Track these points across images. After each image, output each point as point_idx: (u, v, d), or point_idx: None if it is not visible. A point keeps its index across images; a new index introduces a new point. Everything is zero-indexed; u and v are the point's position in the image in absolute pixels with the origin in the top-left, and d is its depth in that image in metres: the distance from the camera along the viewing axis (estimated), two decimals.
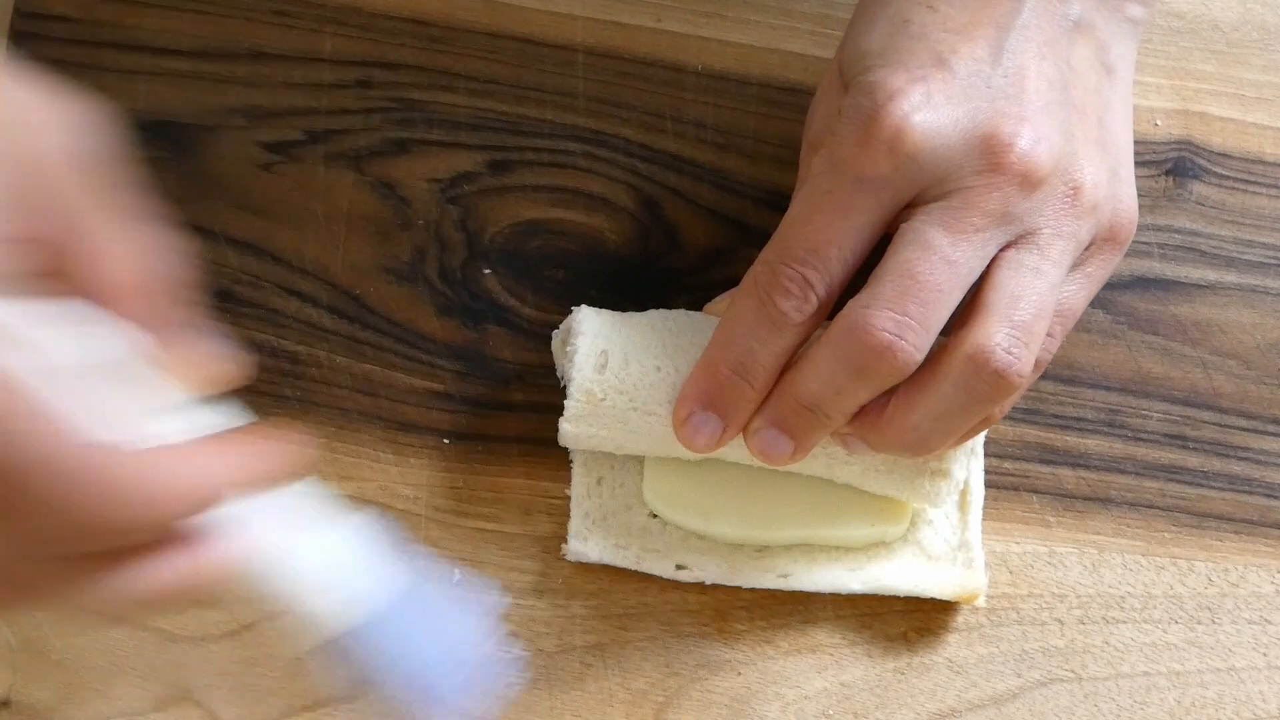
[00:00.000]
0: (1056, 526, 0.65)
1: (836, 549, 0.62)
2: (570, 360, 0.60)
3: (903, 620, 0.63)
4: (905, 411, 0.55)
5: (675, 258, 0.66)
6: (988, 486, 0.64)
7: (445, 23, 0.67)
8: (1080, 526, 0.65)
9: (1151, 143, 0.68)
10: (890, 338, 0.53)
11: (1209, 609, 0.64)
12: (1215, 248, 0.68)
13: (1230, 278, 0.67)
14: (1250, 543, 0.65)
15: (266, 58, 0.66)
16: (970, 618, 0.64)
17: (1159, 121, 0.68)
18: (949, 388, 0.55)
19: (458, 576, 0.62)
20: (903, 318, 0.53)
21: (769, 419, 0.57)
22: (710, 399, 0.57)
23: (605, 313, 0.61)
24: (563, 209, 0.66)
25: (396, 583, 0.49)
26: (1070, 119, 0.56)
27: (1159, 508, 0.65)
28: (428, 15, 0.67)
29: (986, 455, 0.65)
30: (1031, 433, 0.65)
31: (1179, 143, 0.68)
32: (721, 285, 0.62)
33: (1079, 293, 0.57)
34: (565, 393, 0.60)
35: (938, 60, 0.54)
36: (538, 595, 0.62)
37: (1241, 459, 0.66)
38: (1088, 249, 0.57)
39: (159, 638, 0.61)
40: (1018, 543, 0.64)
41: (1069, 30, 0.57)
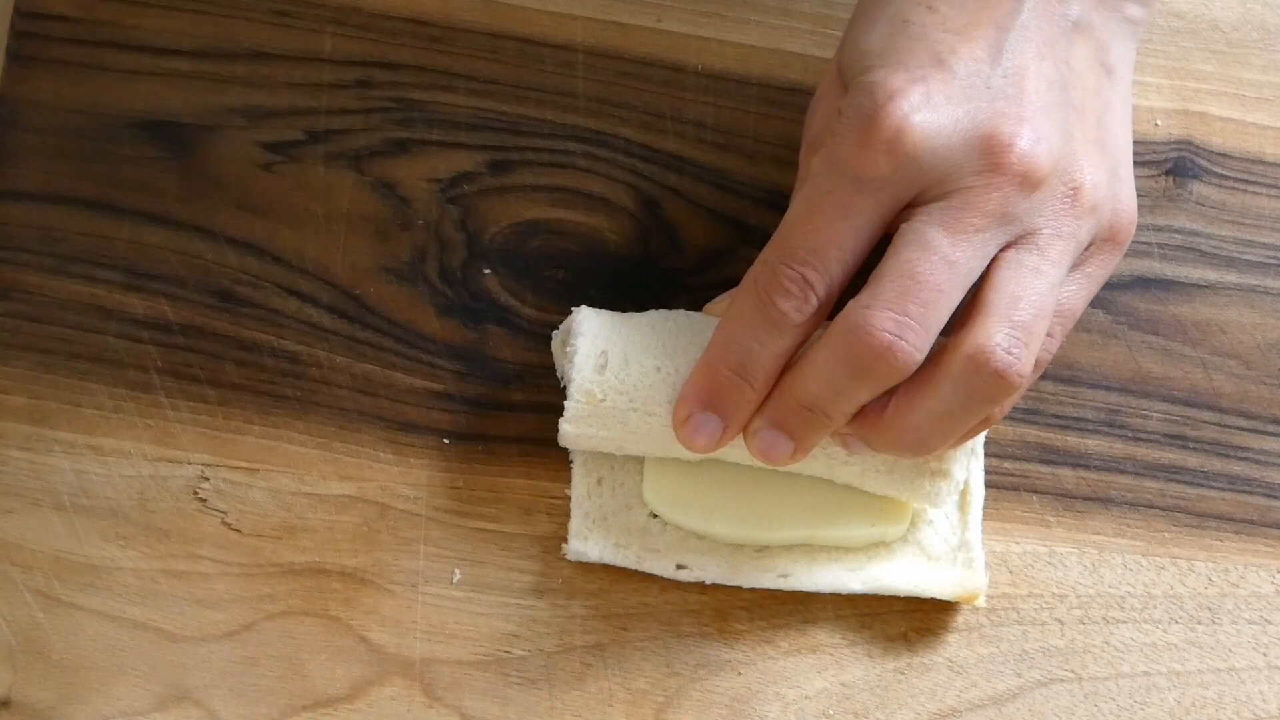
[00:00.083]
0: (1056, 526, 0.65)
1: (836, 549, 0.62)
2: (570, 361, 0.60)
3: (903, 620, 0.63)
4: (905, 412, 0.55)
5: (675, 258, 0.65)
6: (988, 486, 0.64)
7: (445, 23, 0.67)
8: (1080, 526, 0.65)
9: (1151, 143, 0.68)
10: (890, 338, 0.53)
11: (1209, 609, 0.64)
12: (1215, 248, 0.68)
13: (1230, 278, 0.67)
14: (1250, 543, 0.65)
15: (266, 58, 0.66)
16: (970, 618, 0.64)
17: (1159, 121, 0.68)
18: (949, 388, 0.55)
19: (458, 576, 0.62)
20: (903, 318, 0.53)
21: (769, 419, 0.57)
22: (710, 399, 0.57)
23: (605, 313, 0.61)
24: (563, 209, 0.66)
25: None
26: (1069, 119, 0.56)
27: (1159, 508, 0.65)
28: (428, 15, 0.67)
29: (986, 455, 0.65)
30: (1031, 433, 0.65)
31: (1179, 143, 0.68)
32: (721, 285, 0.62)
33: (1079, 293, 0.57)
34: (565, 393, 0.60)
35: (937, 60, 0.54)
36: (538, 595, 0.62)
37: (1241, 459, 0.66)
38: (1087, 249, 0.57)
39: (159, 638, 0.61)
40: (1018, 543, 0.64)
41: (1068, 31, 0.57)
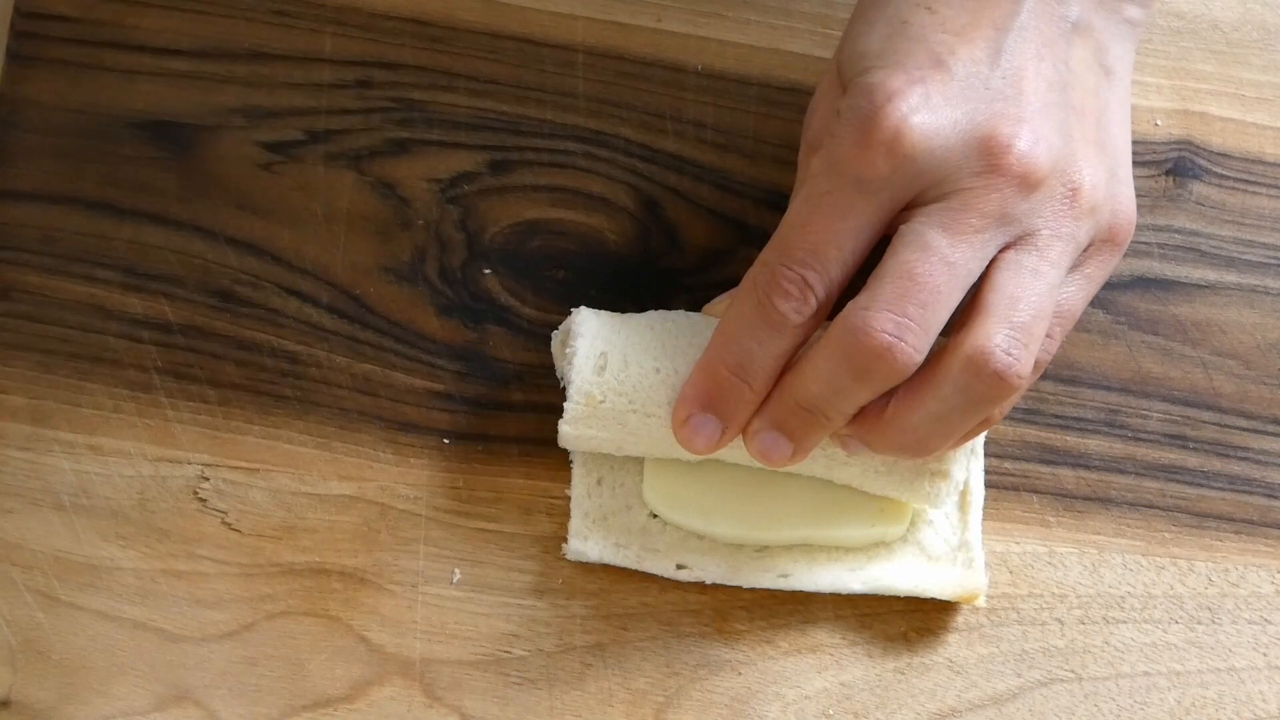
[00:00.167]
0: (1056, 526, 0.65)
1: (836, 549, 0.62)
2: (569, 362, 0.60)
3: (903, 620, 0.63)
4: (905, 413, 0.55)
5: (675, 258, 0.65)
6: (988, 486, 0.64)
7: (445, 23, 0.67)
8: (1080, 526, 0.65)
9: (1151, 143, 0.68)
10: (890, 339, 0.53)
11: (1209, 609, 0.64)
12: (1215, 248, 0.68)
13: (1230, 278, 0.67)
14: (1250, 543, 0.65)
15: (266, 58, 0.66)
16: (970, 618, 0.64)
17: (1159, 121, 0.68)
18: (948, 389, 0.54)
19: (458, 576, 0.62)
20: (902, 319, 0.53)
21: (768, 420, 0.57)
22: (709, 401, 0.57)
23: (604, 314, 0.61)
24: (563, 209, 0.66)
25: None
26: (1068, 120, 0.56)
27: (1159, 508, 0.65)
28: (428, 15, 0.67)
29: (986, 455, 0.65)
30: (1031, 433, 0.65)
31: (1179, 143, 0.68)
32: (721, 285, 0.62)
33: (1078, 294, 0.57)
34: (565, 393, 0.60)
35: (936, 61, 0.54)
36: (538, 595, 0.62)
37: (1241, 459, 0.66)
38: (1086, 250, 0.57)
39: (159, 638, 0.61)
40: (1018, 543, 0.64)
41: (1067, 32, 0.57)
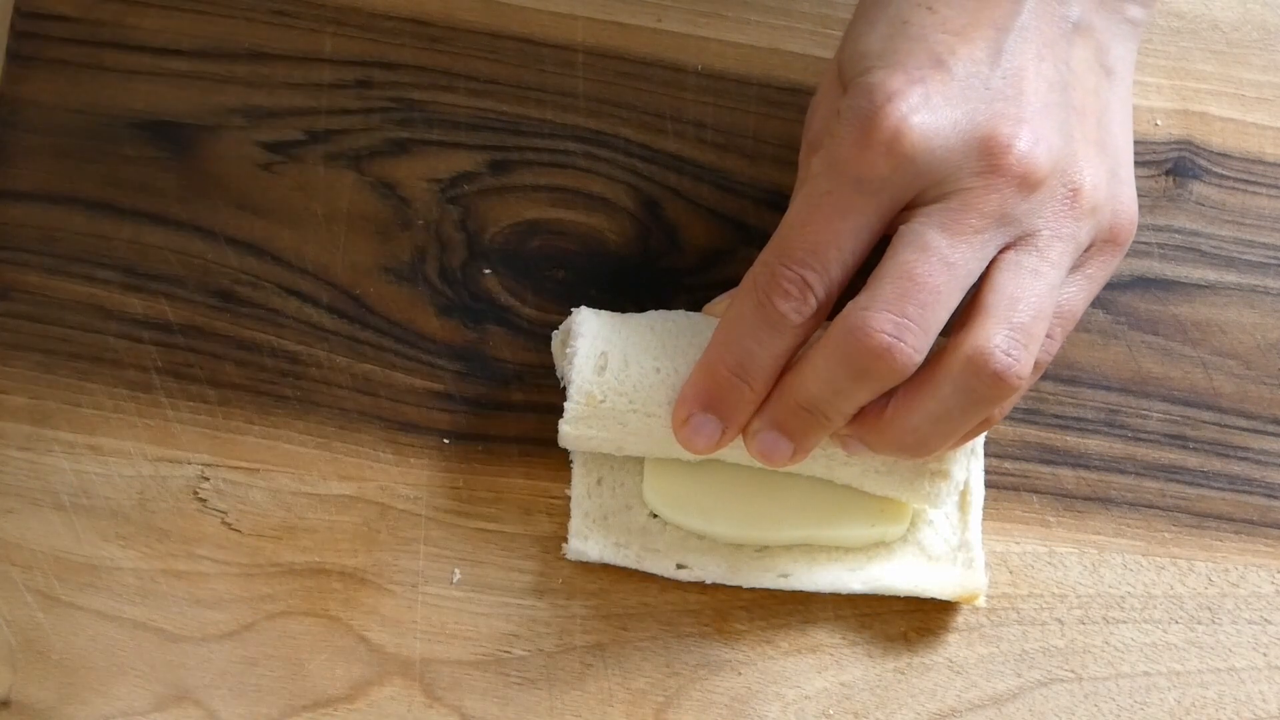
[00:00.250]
0: (1056, 526, 0.65)
1: (836, 549, 0.62)
2: (570, 362, 0.60)
3: (903, 620, 0.63)
4: (904, 413, 0.55)
5: (675, 258, 0.65)
6: (988, 486, 0.64)
7: (445, 23, 0.67)
8: (1080, 526, 0.65)
9: (1151, 143, 0.68)
10: (889, 339, 0.53)
11: (1209, 609, 0.64)
12: (1215, 248, 0.68)
13: (1230, 278, 0.67)
14: (1250, 543, 0.65)
15: (266, 58, 0.66)
16: (970, 618, 0.64)
17: (1159, 121, 0.68)
18: (948, 389, 0.54)
19: (458, 576, 0.62)
20: (901, 319, 0.53)
21: (768, 420, 0.57)
22: (710, 400, 0.57)
23: (605, 314, 0.61)
24: (563, 209, 0.66)
25: None
26: (1069, 120, 0.56)
27: (1159, 508, 0.65)
28: (428, 15, 0.67)
29: (986, 455, 0.65)
30: (1031, 433, 0.65)
31: (1179, 143, 0.68)
32: (721, 285, 0.62)
33: (1079, 294, 0.57)
34: (565, 393, 0.60)
35: (936, 62, 0.54)
36: (538, 595, 0.62)
37: (1241, 459, 0.66)
38: (1088, 250, 0.57)
39: (159, 638, 0.61)
40: (1018, 543, 0.64)
41: (1068, 32, 0.57)
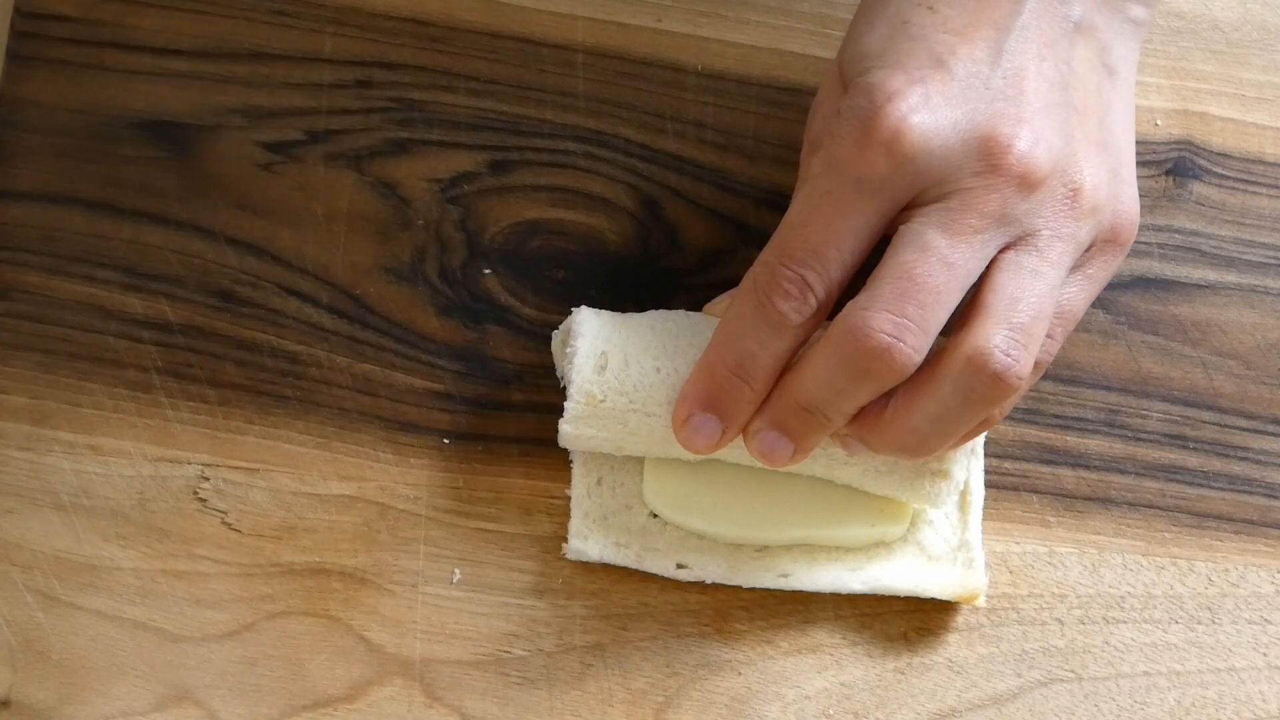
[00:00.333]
0: (1056, 526, 0.65)
1: (836, 549, 0.62)
2: (570, 361, 0.60)
3: (903, 620, 0.63)
4: (904, 413, 0.55)
5: (675, 258, 0.65)
6: (988, 486, 0.64)
7: (445, 23, 0.67)
8: (1080, 526, 0.65)
9: (1151, 143, 0.68)
10: (889, 340, 0.53)
11: (1209, 609, 0.64)
12: (1215, 248, 0.68)
13: (1230, 278, 0.67)
14: (1250, 543, 0.65)
15: (266, 58, 0.66)
16: (970, 618, 0.64)
17: (1159, 121, 0.68)
18: (948, 390, 0.54)
19: (458, 576, 0.62)
20: (901, 319, 0.53)
21: (769, 420, 0.57)
22: (710, 400, 0.57)
23: (605, 314, 0.61)
24: (563, 209, 0.66)
25: None
26: (1070, 120, 0.56)
27: (1159, 508, 0.65)
28: (428, 15, 0.67)
29: (986, 455, 0.65)
30: (1031, 433, 0.65)
31: (1179, 143, 0.68)
32: (721, 285, 0.62)
33: (1079, 294, 0.57)
34: (565, 393, 0.60)
35: (936, 61, 0.54)
36: (538, 595, 0.62)
37: (1241, 459, 0.66)
38: (1088, 250, 0.57)
39: (159, 638, 0.61)
40: (1018, 543, 0.64)
41: (1070, 31, 0.57)
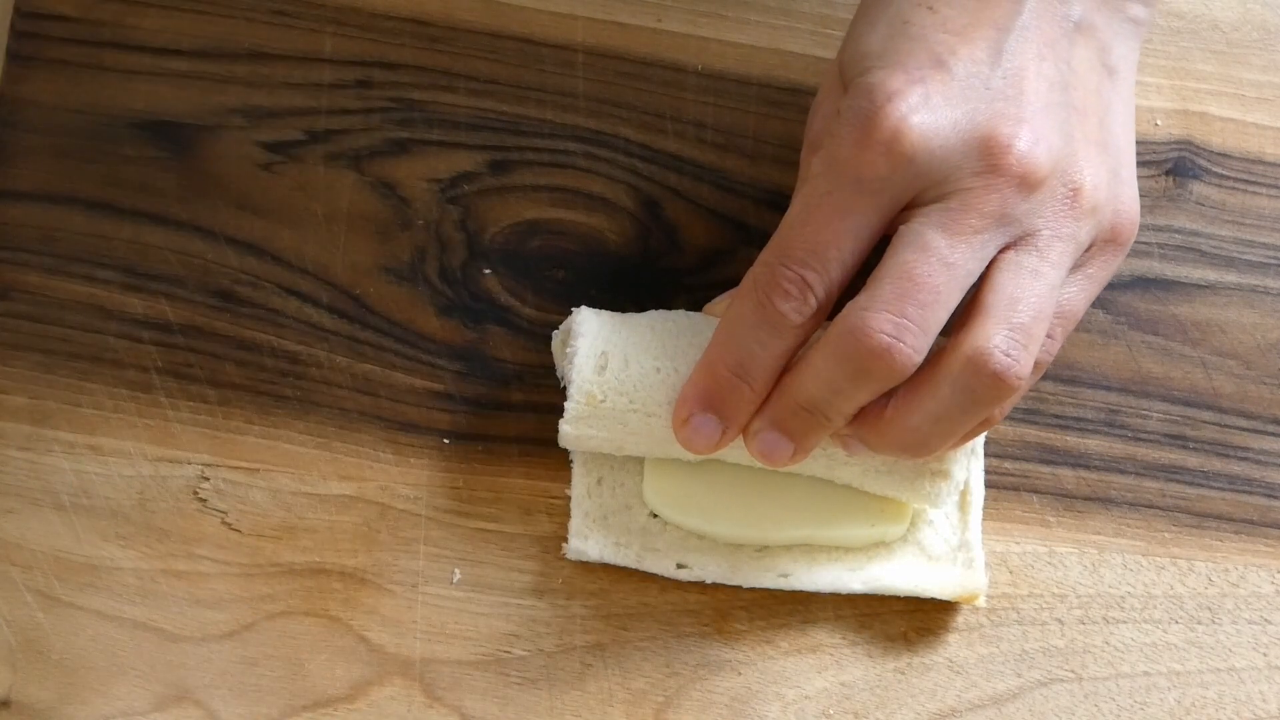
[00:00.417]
0: (1056, 526, 0.65)
1: (836, 549, 0.62)
2: (570, 362, 0.60)
3: (903, 620, 0.63)
4: (904, 413, 0.55)
5: (675, 258, 0.65)
6: (988, 486, 0.64)
7: (445, 23, 0.67)
8: (1080, 526, 0.65)
9: (1151, 143, 0.68)
10: (889, 340, 0.53)
11: (1209, 609, 0.64)
12: (1215, 248, 0.68)
13: (1230, 278, 0.67)
14: (1250, 543, 0.65)
15: (266, 58, 0.66)
16: (970, 618, 0.64)
17: (1159, 121, 0.68)
18: (948, 390, 0.54)
19: (458, 576, 0.62)
20: (901, 320, 0.53)
21: (769, 420, 0.57)
22: (710, 400, 0.57)
23: (605, 314, 0.61)
24: (563, 209, 0.66)
25: None
26: (1070, 120, 0.56)
27: (1159, 508, 0.65)
28: (428, 15, 0.67)
29: (986, 455, 0.65)
30: (1031, 433, 0.65)
31: (1179, 143, 0.68)
32: (721, 285, 0.62)
33: (1079, 294, 0.57)
34: (565, 393, 0.60)
35: (936, 62, 0.54)
36: (538, 595, 0.62)
37: (1241, 459, 0.66)
38: (1089, 250, 0.57)
39: (159, 638, 0.61)
40: (1018, 543, 0.64)
41: (1070, 31, 0.57)
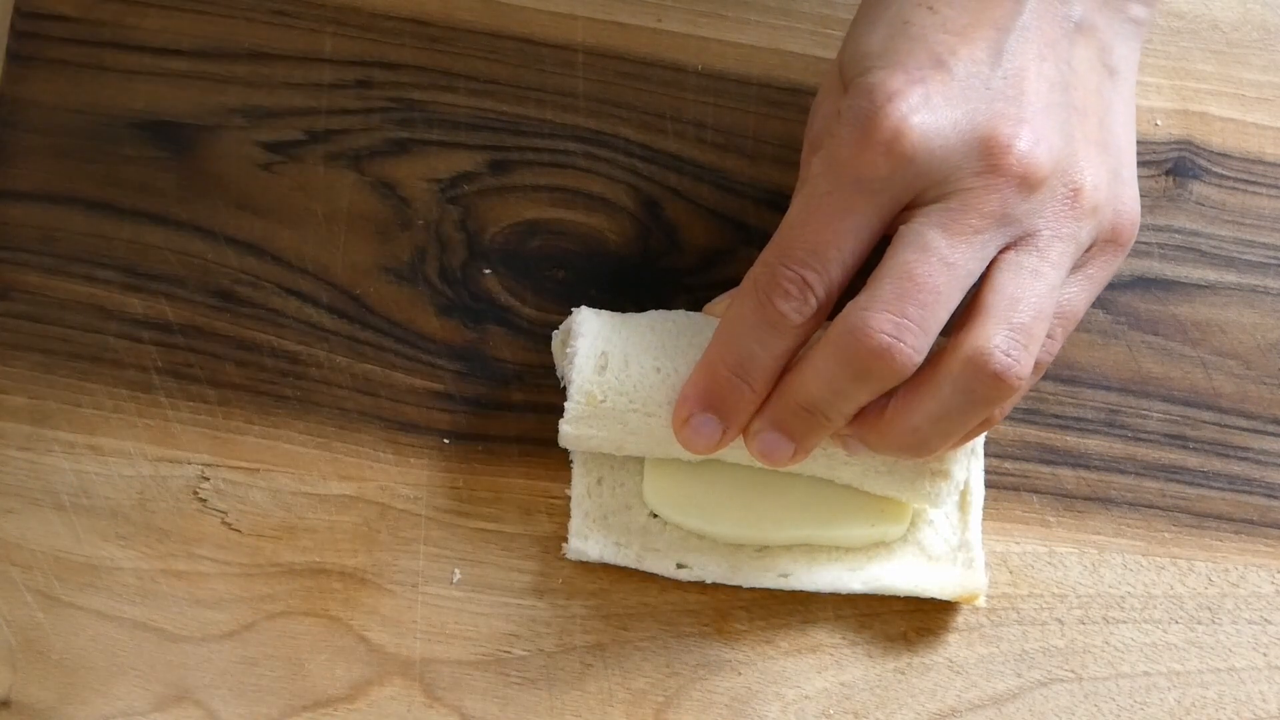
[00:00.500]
0: (1056, 526, 0.65)
1: (836, 549, 0.62)
2: (570, 362, 0.60)
3: (903, 620, 0.63)
4: (905, 413, 0.55)
5: (675, 258, 0.65)
6: (988, 486, 0.64)
7: (445, 23, 0.67)
8: (1080, 526, 0.65)
9: (1151, 143, 0.68)
10: (889, 340, 0.53)
11: (1209, 609, 0.64)
12: (1215, 248, 0.68)
13: (1230, 278, 0.67)
14: (1250, 543, 0.65)
15: (266, 58, 0.66)
16: (970, 618, 0.64)
17: (1159, 121, 0.68)
18: (948, 390, 0.54)
19: (458, 576, 0.62)
20: (901, 320, 0.53)
21: (769, 421, 0.57)
22: (710, 401, 0.57)
23: (605, 314, 0.61)
24: (563, 209, 0.66)
25: None
26: (1070, 120, 0.56)
27: (1159, 508, 0.65)
28: (428, 15, 0.67)
29: (986, 455, 0.65)
30: (1031, 433, 0.65)
31: (1179, 143, 0.68)
32: (721, 285, 0.62)
33: (1080, 294, 0.57)
34: (565, 393, 0.60)
35: (937, 62, 0.54)
36: (538, 595, 0.62)
37: (1241, 459, 0.66)
38: (1089, 250, 0.57)
39: (159, 638, 0.61)
40: (1018, 543, 0.64)
41: (1070, 31, 0.57)
